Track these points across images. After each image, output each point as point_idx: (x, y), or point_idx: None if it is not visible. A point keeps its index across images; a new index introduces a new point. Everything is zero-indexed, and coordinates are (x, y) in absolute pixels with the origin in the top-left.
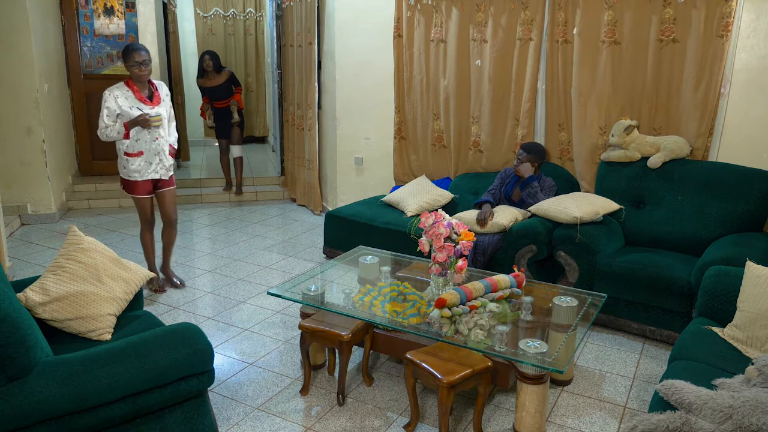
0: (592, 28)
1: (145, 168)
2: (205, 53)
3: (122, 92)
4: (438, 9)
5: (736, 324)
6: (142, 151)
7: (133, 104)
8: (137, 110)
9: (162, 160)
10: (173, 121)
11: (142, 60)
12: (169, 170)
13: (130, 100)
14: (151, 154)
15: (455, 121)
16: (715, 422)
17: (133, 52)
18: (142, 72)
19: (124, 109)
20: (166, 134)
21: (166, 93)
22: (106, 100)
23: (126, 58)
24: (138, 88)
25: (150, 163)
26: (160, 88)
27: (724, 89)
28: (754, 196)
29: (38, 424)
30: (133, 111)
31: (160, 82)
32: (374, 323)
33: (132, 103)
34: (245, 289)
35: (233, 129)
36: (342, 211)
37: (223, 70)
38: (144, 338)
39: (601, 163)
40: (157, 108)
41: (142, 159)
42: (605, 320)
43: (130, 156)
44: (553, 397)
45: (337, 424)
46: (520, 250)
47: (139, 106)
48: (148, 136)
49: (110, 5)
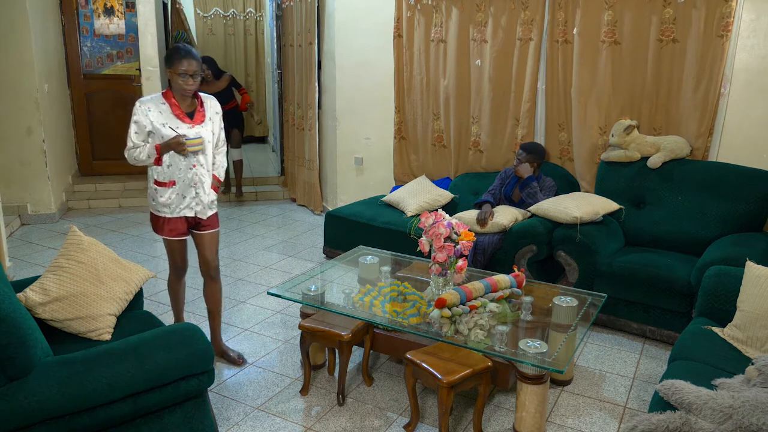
0: (592, 28)
1: (177, 202)
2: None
3: (156, 105)
4: (438, 9)
5: (736, 324)
6: (175, 180)
7: (168, 121)
8: (170, 130)
9: (199, 194)
10: (223, 146)
11: (192, 71)
12: (209, 207)
13: (165, 115)
14: (186, 185)
15: (455, 121)
16: (715, 422)
17: (183, 59)
18: (189, 86)
19: (156, 126)
20: (209, 162)
21: (215, 111)
22: (136, 113)
23: (171, 63)
24: (177, 102)
25: (183, 196)
26: (207, 103)
27: (724, 89)
28: (754, 196)
29: (38, 424)
30: (166, 130)
31: (209, 96)
32: (374, 323)
33: (166, 120)
34: (245, 289)
35: (233, 132)
36: (342, 211)
37: (222, 75)
38: (144, 338)
39: (601, 163)
40: (198, 128)
41: (173, 191)
42: (605, 320)
43: (160, 185)
44: (553, 397)
45: (337, 424)
46: (520, 250)
47: (173, 124)
48: (184, 162)
49: (110, 5)
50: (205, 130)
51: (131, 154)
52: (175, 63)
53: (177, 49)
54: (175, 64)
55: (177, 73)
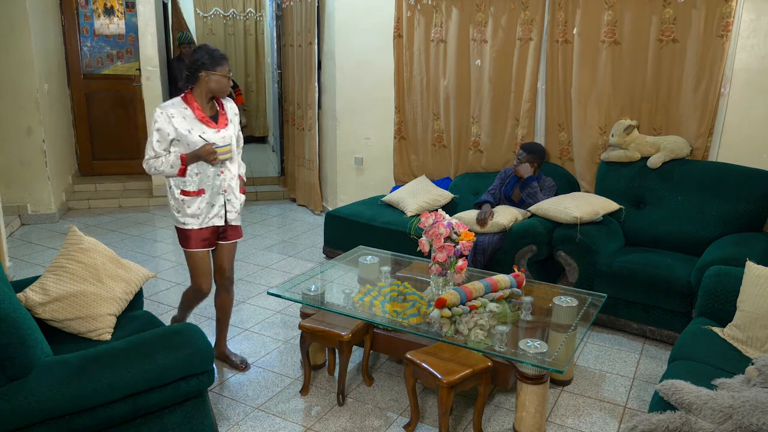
0: (592, 28)
1: (206, 211)
2: None
3: (178, 110)
4: (438, 9)
5: (736, 324)
6: (204, 189)
7: (193, 127)
8: (199, 137)
9: (231, 200)
10: (241, 145)
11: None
12: (238, 214)
13: (189, 121)
14: (215, 193)
15: (455, 121)
16: (715, 422)
17: (225, 61)
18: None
19: (182, 133)
20: (235, 166)
21: (234, 112)
22: (157, 120)
23: (214, 66)
24: (199, 105)
25: (212, 204)
26: (226, 105)
27: (724, 89)
28: (754, 196)
29: (38, 424)
30: (192, 136)
31: (226, 98)
32: (374, 323)
33: (191, 126)
34: (245, 289)
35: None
36: (342, 211)
37: None
38: (144, 338)
39: (601, 163)
40: (223, 132)
41: (202, 199)
42: (605, 320)
43: (187, 195)
44: (553, 397)
45: (337, 424)
46: (520, 250)
47: (199, 129)
48: (212, 170)
49: (110, 5)
50: (229, 134)
51: (151, 164)
52: (218, 66)
53: (215, 51)
54: (218, 67)
55: (222, 75)
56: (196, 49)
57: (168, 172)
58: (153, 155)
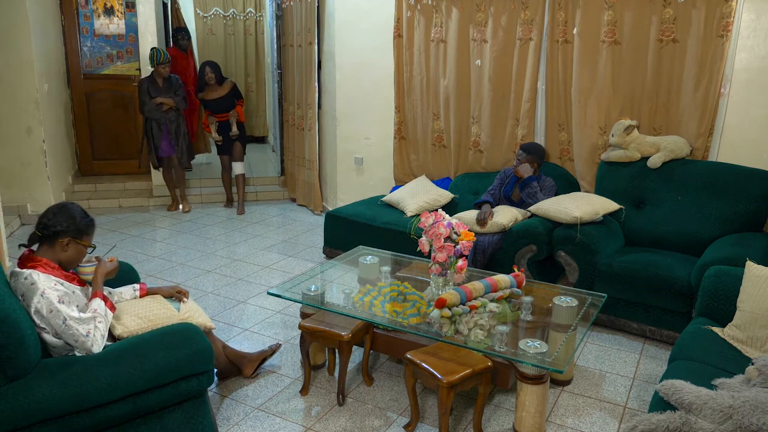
0: (592, 28)
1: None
2: (206, 64)
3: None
4: (438, 9)
5: (736, 324)
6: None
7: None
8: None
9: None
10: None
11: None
12: None
13: (66, 285)
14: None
15: (455, 121)
16: (715, 422)
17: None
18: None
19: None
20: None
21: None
22: (49, 296)
23: (79, 233)
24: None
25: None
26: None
27: (724, 89)
28: (754, 196)
29: (38, 424)
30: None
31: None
32: (374, 323)
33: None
34: (245, 289)
35: (235, 144)
36: (342, 211)
37: (225, 81)
38: (144, 338)
39: (601, 163)
40: (85, 289)
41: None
42: (605, 320)
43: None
44: (553, 397)
45: (337, 424)
46: (520, 250)
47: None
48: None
49: (110, 5)
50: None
51: (97, 333)
52: (85, 235)
53: (85, 218)
54: (85, 236)
55: (87, 244)
56: (62, 210)
57: (109, 316)
58: (86, 317)
